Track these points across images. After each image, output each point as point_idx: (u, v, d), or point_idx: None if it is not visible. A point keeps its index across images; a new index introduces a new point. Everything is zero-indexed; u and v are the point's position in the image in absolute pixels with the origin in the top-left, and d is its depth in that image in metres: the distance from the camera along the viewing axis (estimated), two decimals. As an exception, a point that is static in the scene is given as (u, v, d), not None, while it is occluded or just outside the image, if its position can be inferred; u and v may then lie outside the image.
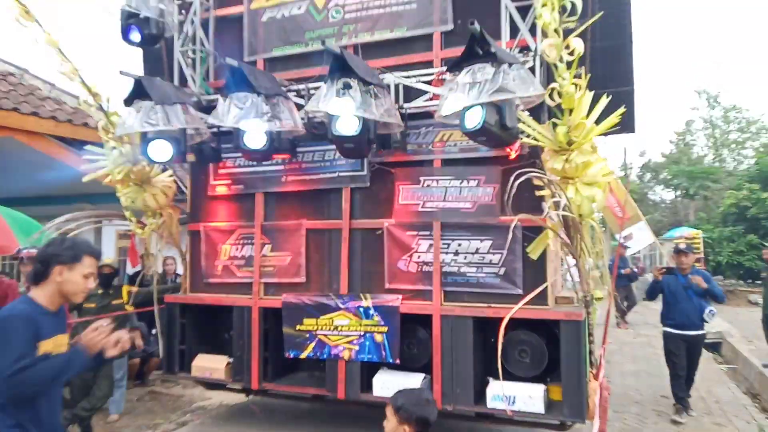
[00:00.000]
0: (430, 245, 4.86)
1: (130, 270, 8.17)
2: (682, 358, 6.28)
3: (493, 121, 3.88)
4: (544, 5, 3.72)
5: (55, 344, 2.55)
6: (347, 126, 4.32)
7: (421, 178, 4.93)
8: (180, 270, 6.05)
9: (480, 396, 4.67)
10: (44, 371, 2.39)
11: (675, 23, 65.61)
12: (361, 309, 4.92)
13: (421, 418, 2.54)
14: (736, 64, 55.97)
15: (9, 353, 2.33)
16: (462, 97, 3.87)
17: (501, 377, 4.02)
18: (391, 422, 2.57)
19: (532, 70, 4.33)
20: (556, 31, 3.72)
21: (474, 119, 3.87)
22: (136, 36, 5.02)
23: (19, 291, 4.98)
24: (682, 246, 6.54)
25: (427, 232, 4.88)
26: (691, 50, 61.53)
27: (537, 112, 4.31)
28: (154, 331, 5.87)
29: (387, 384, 4.83)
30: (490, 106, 3.86)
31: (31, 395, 2.44)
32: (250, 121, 4.52)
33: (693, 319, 6.19)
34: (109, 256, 8.47)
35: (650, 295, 6.80)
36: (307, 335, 5.07)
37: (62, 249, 2.61)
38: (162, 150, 4.70)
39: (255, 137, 4.68)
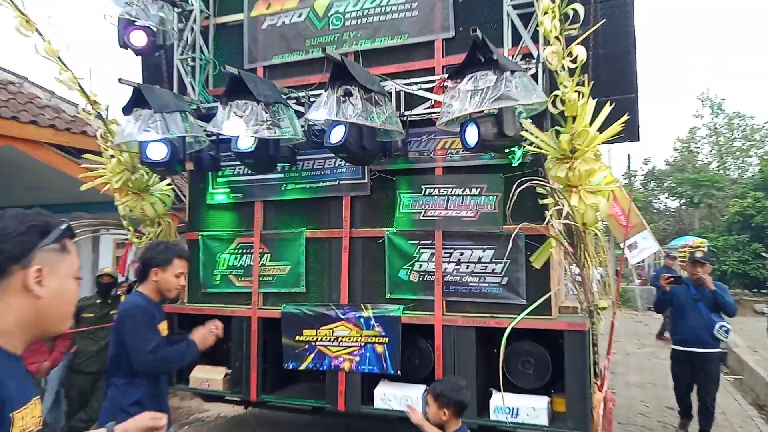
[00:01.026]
0: (432, 254, 4.80)
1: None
2: (687, 378, 5.68)
3: (491, 135, 3.86)
4: (545, 13, 3.68)
5: (162, 329, 3.19)
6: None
7: (423, 186, 4.88)
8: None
9: (483, 408, 4.59)
10: (174, 353, 3.04)
11: (679, 29, 65.71)
12: (362, 319, 4.85)
13: (458, 401, 2.93)
14: (740, 71, 55.98)
15: (141, 335, 2.97)
16: (457, 107, 3.84)
17: (502, 389, 3.95)
18: (432, 408, 2.95)
19: (534, 77, 4.28)
20: (557, 38, 3.67)
21: (472, 137, 3.93)
22: (140, 38, 4.99)
23: None
24: (699, 255, 5.82)
25: (429, 241, 4.82)
26: (695, 58, 61.59)
27: (540, 119, 4.25)
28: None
29: (388, 396, 4.76)
30: (484, 121, 3.85)
31: (164, 372, 3.17)
32: (234, 124, 4.47)
33: (701, 336, 5.50)
34: (107, 265, 8.44)
35: (657, 307, 6.26)
36: (307, 346, 5.00)
37: (156, 253, 3.19)
38: (157, 150, 4.64)
39: (245, 139, 4.63)
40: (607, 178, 4.05)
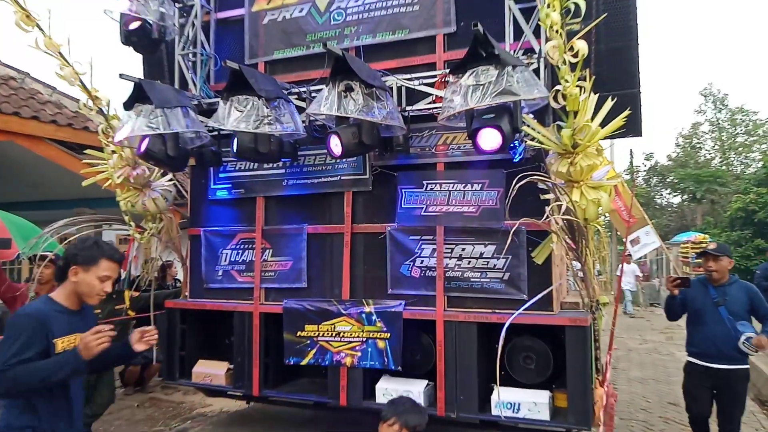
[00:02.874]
0: (434, 250, 4.79)
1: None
2: (703, 400, 4.64)
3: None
4: (547, 6, 3.66)
5: (72, 342, 2.58)
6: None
7: (424, 182, 4.87)
8: (180, 275, 6.00)
9: (484, 403, 4.60)
10: (31, 372, 2.38)
11: (682, 23, 65.50)
12: (364, 315, 4.86)
13: (426, 424, 2.58)
14: (743, 65, 55.83)
15: (8, 350, 2.39)
16: (458, 102, 3.83)
17: (499, 384, 4.00)
18: None
19: (536, 72, 4.27)
20: (558, 32, 3.65)
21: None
22: (135, 23, 4.99)
23: (29, 296, 4.94)
24: (712, 247, 4.69)
25: (431, 237, 4.82)
26: (698, 50, 61.39)
27: (541, 114, 4.24)
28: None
29: (389, 391, 4.76)
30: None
31: (19, 394, 2.47)
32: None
33: (723, 348, 4.46)
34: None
35: (669, 314, 4.96)
36: (309, 341, 5.01)
37: (80, 250, 2.64)
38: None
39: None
40: (609, 173, 4.04)
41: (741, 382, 4.55)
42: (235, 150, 4.60)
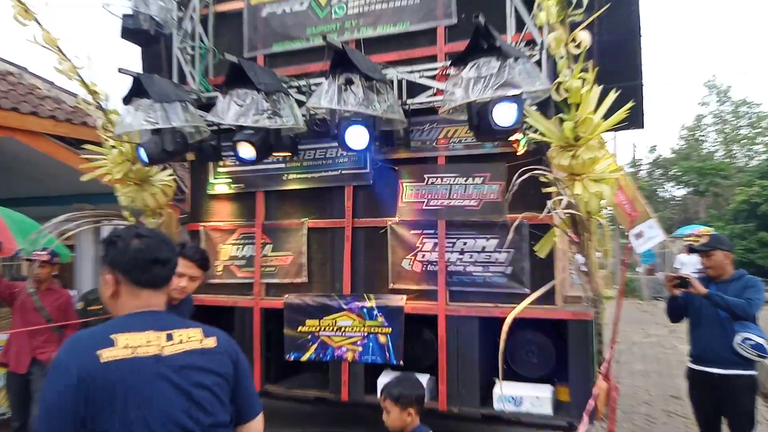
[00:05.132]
0: (435, 244, 4.77)
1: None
2: (709, 412, 4.11)
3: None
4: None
5: None
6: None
7: (426, 176, 4.84)
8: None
9: (486, 397, 4.59)
10: None
11: (685, 14, 65.16)
12: (365, 309, 4.83)
13: (420, 396, 2.76)
14: (747, 58, 55.56)
15: None
16: (459, 95, 3.80)
17: (501, 378, 3.97)
18: (393, 413, 2.72)
19: (538, 64, 4.23)
20: (556, 18, 3.60)
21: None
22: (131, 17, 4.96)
23: (28, 293, 4.93)
24: (702, 241, 4.24)
25: (432, 231, 4.79)
26: (701, 42, 61.08)
27: (543, 107, 4.19)
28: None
29: (391, 386, 4.75)
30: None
31: None
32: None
33: (720, 351, 3.94)
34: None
35: (671, 316, 4.46)
36: (310, 336, 4.99)
37: None
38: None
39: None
40: (611, 166, 4.00)
41: (744, 393, 3.97)
42: (255, 157, 4.64)
